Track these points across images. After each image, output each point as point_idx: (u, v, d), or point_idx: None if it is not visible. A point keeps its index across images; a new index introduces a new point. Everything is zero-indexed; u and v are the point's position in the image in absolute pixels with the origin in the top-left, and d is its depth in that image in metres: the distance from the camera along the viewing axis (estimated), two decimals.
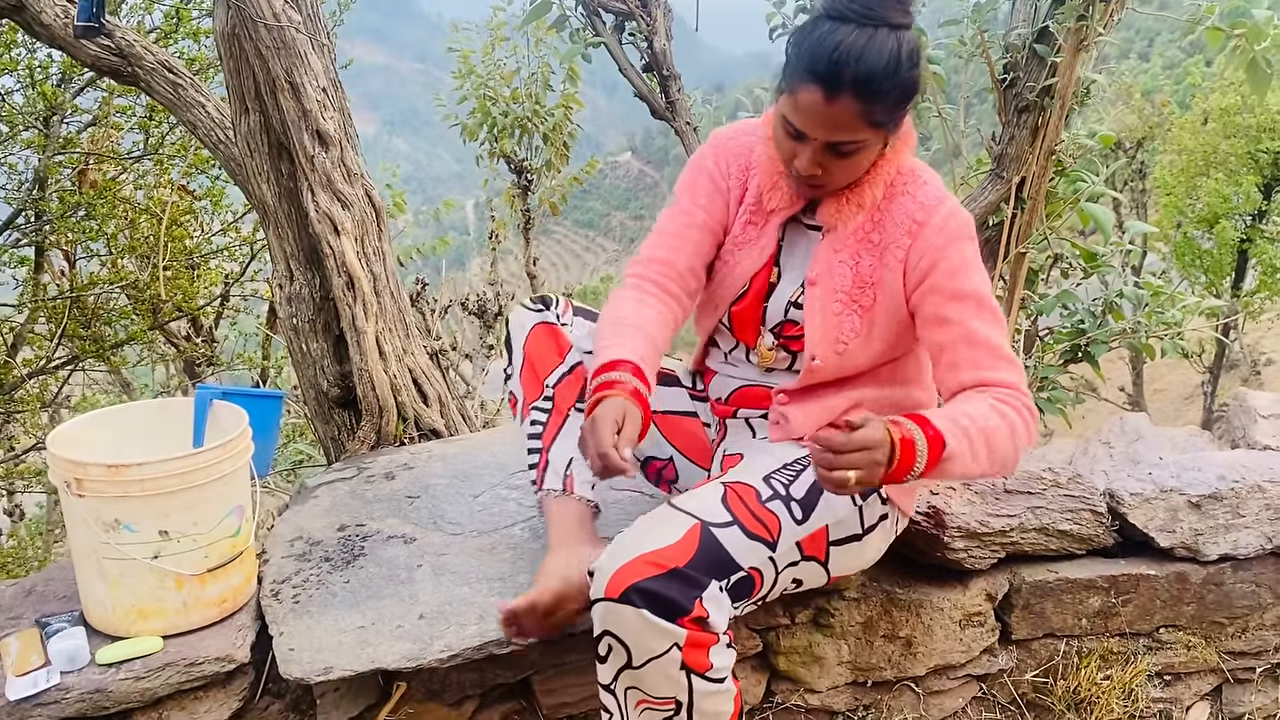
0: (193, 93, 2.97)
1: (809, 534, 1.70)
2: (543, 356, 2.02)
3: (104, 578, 1.86)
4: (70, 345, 5.04)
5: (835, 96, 1.56)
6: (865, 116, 1.58)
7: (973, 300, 1.66)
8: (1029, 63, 3.81)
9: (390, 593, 1.99)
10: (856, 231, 1.74)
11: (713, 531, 1.60)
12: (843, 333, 1.76)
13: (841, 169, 1.67)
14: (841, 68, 1.54)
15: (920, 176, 1.73)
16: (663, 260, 1.90)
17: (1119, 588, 2.10)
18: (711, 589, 1.54)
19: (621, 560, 1.54)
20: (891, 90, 1.57)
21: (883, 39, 1.55)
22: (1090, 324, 3.68)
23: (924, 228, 1.68)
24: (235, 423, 2.01)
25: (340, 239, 2.63)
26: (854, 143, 1.62)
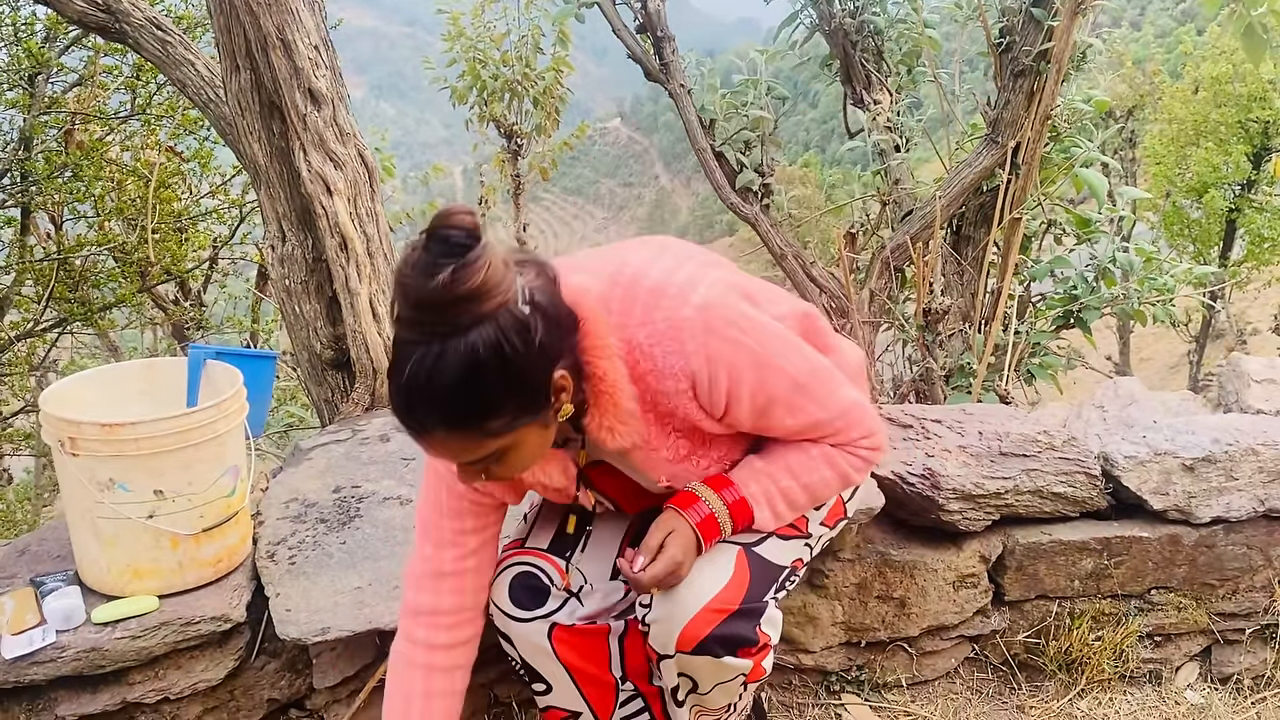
0: (181, 50, 2.94)
1: (829, 510, 1.72)
2: (591, 660, 1.79)
3: (99, 537, 1.85)
4: (58, 308, 4.99)
5: (428, 437, 1.32)
6: (477, 435, 1.32)
7: (782, 408, 1.49)
8: (1025, 26, 3.78)
9: (387, 554, 1.99)
10: (648, 429, 1.51)
11: (755, 552, 1.58)
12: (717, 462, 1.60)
13: (507, 468, 1.41)
14: (413, 407, 1.29)
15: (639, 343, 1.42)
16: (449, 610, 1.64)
17: (1112, 550, 2.11)
18: (769, 610, 1.54)
19: (686, 615, 1.50)
20: (490, 397, 1.28)
21: (459, 349, 1.24)
22: (1083, 290, 3.68)
23: (696, 390, 1.44)
24: (229, 382, 2.00)
25: (333, 199, 2.61)
26: (491, 455, 1.35)
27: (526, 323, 1.29)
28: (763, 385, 1.46)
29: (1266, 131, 18.49)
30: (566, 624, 1.69)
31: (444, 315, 1.24)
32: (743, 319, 1.44)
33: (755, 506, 1.55)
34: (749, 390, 1.45)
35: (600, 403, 1.45)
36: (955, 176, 3.92)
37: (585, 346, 1.42)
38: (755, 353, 1.44)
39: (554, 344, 1.34)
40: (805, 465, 1.56)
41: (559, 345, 1.36)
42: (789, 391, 1.48)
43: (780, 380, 1.47)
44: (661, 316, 1.41)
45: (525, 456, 1.41)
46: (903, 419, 2.32)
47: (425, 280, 1.22)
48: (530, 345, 1.29)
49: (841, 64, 4.56)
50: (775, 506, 1.57)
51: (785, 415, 1.51)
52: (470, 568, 1.63)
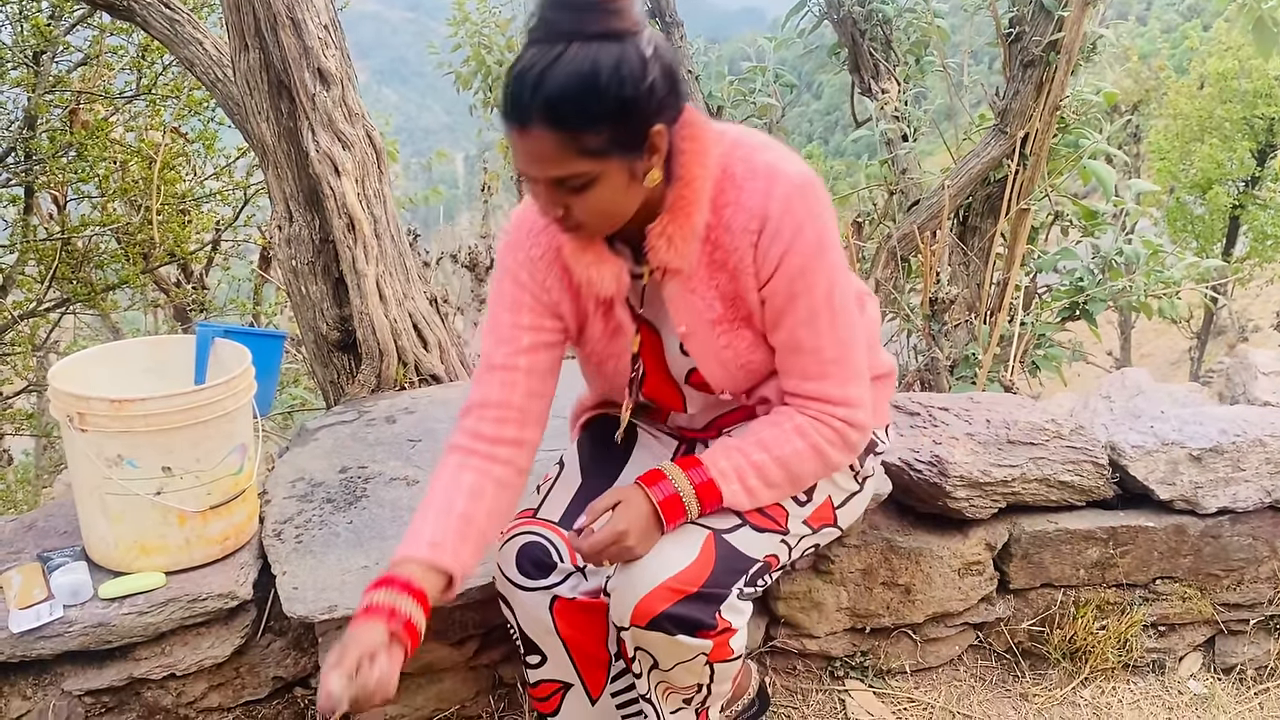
0: (190, 29, 2.93)
1: (814, 511, 1.69)
2: (590, 636, 1.74)
3: (106, 513, 1.85)
4: (60, 288, 4.99)
5: (526, 128, 1.36)
6: (571, 145, 1.36)
7: (803, 302, 1.50)
8: (1035, 17, 3.78)
9: (394, 533, 1.99)
10: (700, 259, 1.54)
11: (725, 539, 1.56)
12: (740, 354, 1.60)
13: (586, 208, 1.43)
14: (523, 94, 1.34)
15: (737, 175, 1.49)
16: (495, 403, 1.63)
17: (1117, 539, 2.11)
18: (730, 598, 1.53)
19: (642, 590, 1.50)
20: (593, 111, 1.34)
21: (575, 55, 1.32)
22: (1089, 282, 3.68)
23: (761, 235, 1.48)
24: (238, 361, 1.99)
25: (341, 180, 2.60)
26: (576, 177, 1.39)
27: (646, 61, 1.36)
28: (807, 277, 1.49)
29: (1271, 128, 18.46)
30: (568, 597, 1.68)
31: (576, 18, 1.33)
32: (826, 210, 1.49)
33: (724, 483, 1.55)
34: (798, 265, 1.48)
35: (675, 207, 1.49)
36: (963, 166, 3.92)
37: (684, 149, 1.47)
38: (820, 242, 1.48)
39: (663, 99, 1.39)
40: (777, 438, 1.56)
41: (665, 103, 1.40)
42: (820, 300, 1.50)
43: (821, 282, 1.50)
44: (765, 161, 1.48)
45: (604, 199, 1.43)
46: (910, 406, 2.32)
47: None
48: (641, 82, 1.35)
49: (849, 53, 4.56)
50: (746, 481, 1.56)
51: (803, 319, 1.51)
52: (521, 366, 1.63)
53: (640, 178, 1.44)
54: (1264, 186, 18.01)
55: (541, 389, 1.67)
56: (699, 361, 1.63)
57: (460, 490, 1.58)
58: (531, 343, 1.65)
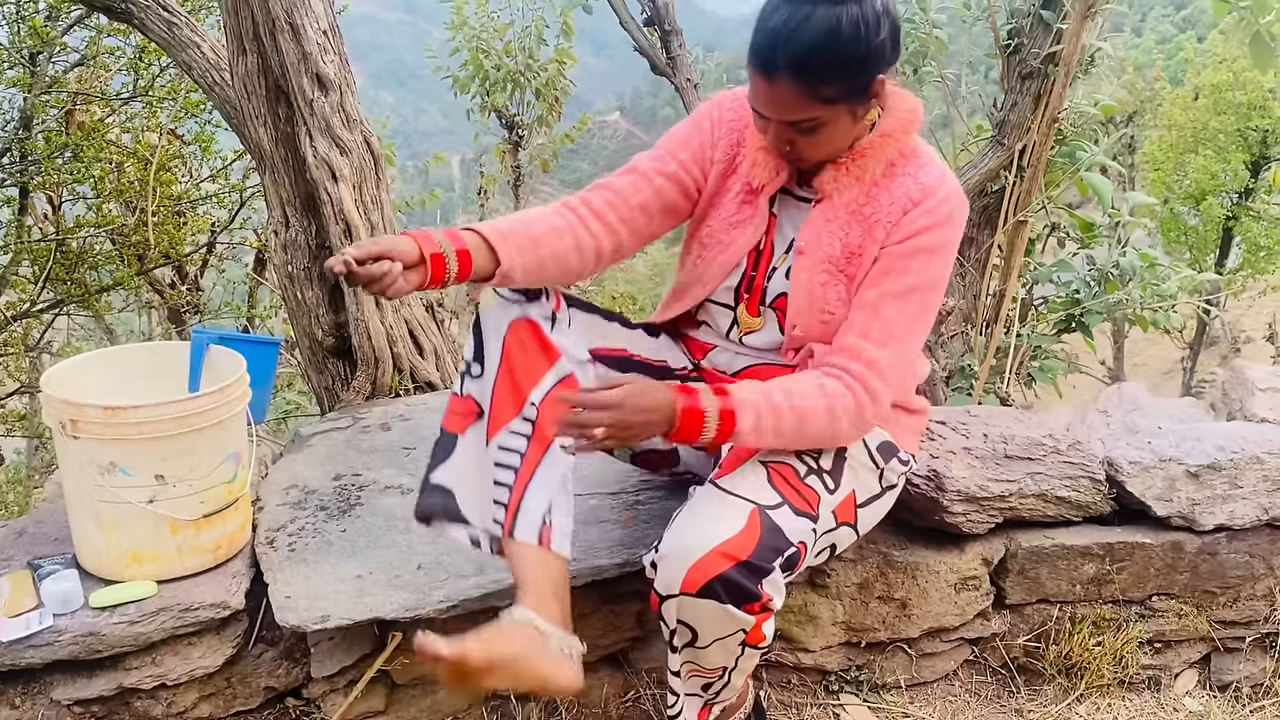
0: (188, 32, 2.92)
1: (840, 501, 1.71)
2: (526, 362, 1.70)
3: (98, 521, 1.84)
4: (54, 289, 4.97)
5: (773, 78, 1.53)
6: (811, 95, 1.54)
7: (908, 279, 1.65)
8: (1034, 29, 3.78)
9: (388, 543, 1.98)
10: (850, 203, 1.69)
11: (769, 514, 1.59)
12: (828, 302, 1.72)
13: (811, 145, 1.63)
14: (774, 48, 1.52)
15: (923, 159, 1.69)
16: (615, 189, 1.79)
17: (1114, 555, 2.11)
18: (774, 574, 1.55)
19: (694, 555, 1.52)
20: (834, 66, 1.52)
21: (822, 15, 1.50)
22: (1086, 294, 3.68)
23: (918, 205, 1.64)
24: (232, 368, 1.98)
25: (338, 186, 2.59)
26: (809, 120, 1.57)
27: (880, 20, 1.52)
28: (926, 259, 1.64)
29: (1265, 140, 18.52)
30: (529, 318, 1.71)
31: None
32: (959, 236, 1.70)
33: (741, 414, 1.59)
34: (925, 246, 1.64)
35: (864, 149, 1.67)
36: (960, 177, 3.91)
37: (891, 105, 1.67)
38: (949, 249, 1.67)
39: (889, 53, 1.56)
40: (801, 389, 1.63)
41: (891, 55, 1.57)
42: (919, 287, 1.65)
43: (928, 275, 1.65)
44: (944, 168, 1.70)
45: (829, 139, 1.62)
46: None
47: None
48: (875, 38, 1.52)
49: None
50: (761, 420, 1.60)
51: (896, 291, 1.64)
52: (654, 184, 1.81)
53: (861, 118, 1.64)
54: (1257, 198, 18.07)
55: (651, 210, 1.82)
56: (793, 284, 1.75)
57: (545, 222, 1.72)
58: (674, 172, 1.81)
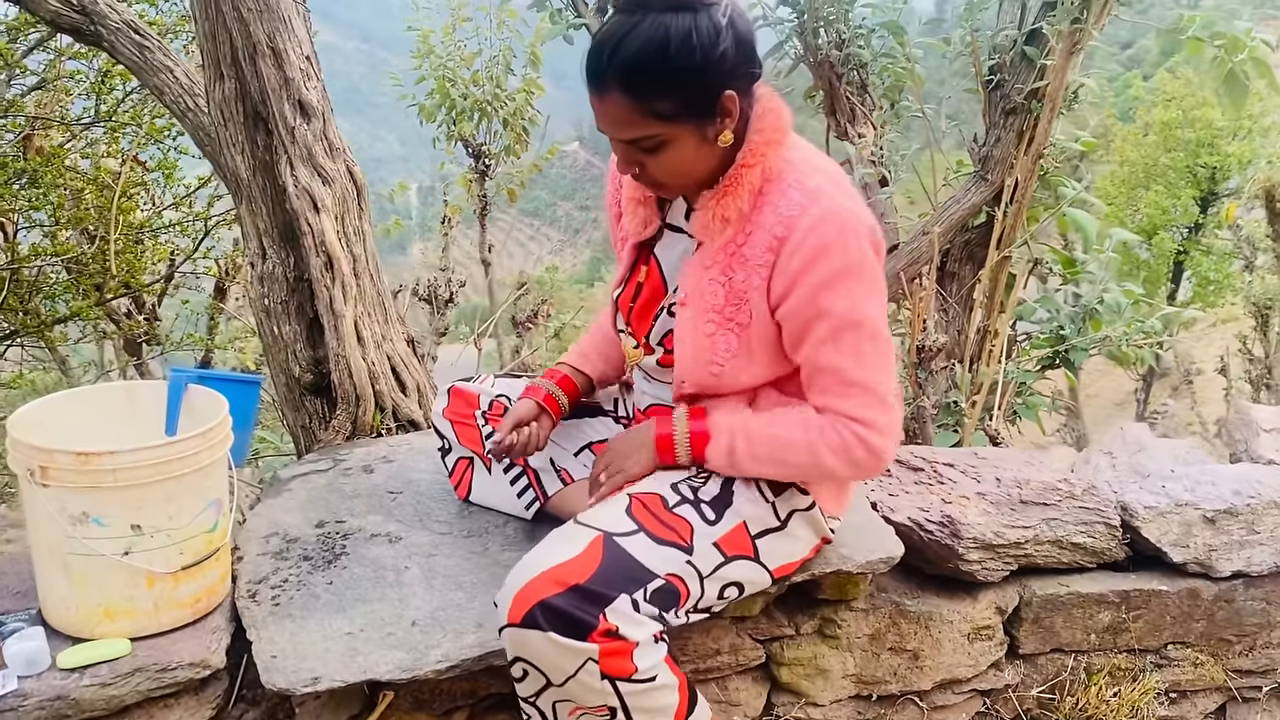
0: (160, 56, 2.81)
1: (725, 533, 1.63)
2: (463, 412, 2.08)
3: (68, 574, 1.71)
4: (7, 320, 4.78)
5: (604, 93, 1.50)
6: (643, 110, 1.48)
7: (828, 323, 1.54)
8: (1017, 64, 3.77)
9: (378, 596, 1.87)
10: (727, 245, 1.61)
11: (616, 541, 1.53)
12: (716, 354, 1.65)
13: (659, 166, 1.55)
14: (601, 61, 1.48)
15: (786, 181, 1.56)
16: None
17: (1130, 603, 2.05)
18: (620, 602, 1.48)
19: (522, 581, 1.49)
20: (664, 78, 1.46)
21: (649, 25, 1.45)
22: (1071, 331, 3.65)
23: (784, 244, 1.53)
24: (213, 410, 1.87)
25: (320, 216, 2.48)
26: (648, 139, 1.51)
27: (719, 31, 1.46)
28: (830, 294, 1.52)
29: (1214, 177, 18.95)
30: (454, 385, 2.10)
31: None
32: (867, 247, 1.53)
33: (714, 434, 1.64)
34: (816, 286, 1.52)
35: (729, 183, 1.58)
36: (944, 212, 3.89)
37: (757, 128, 1.58)
38: (849, 269, 1.51)
39: (734, 67, 1.49)
40: (784, 419, 1.62)
41: (737, 70, 1.50)
42: (842, 320, 1.53)
43: (842, 304, 1.52)
44: (817, 184, 1.54)
45: (676, 160, 1.54)
46: (912, 461, 2.25)
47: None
48: (713, 50, 1.46)
49: (825, 96, 4.53)
50: (735, 441, 1.62)
51: (824, 337, 1.54)
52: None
53: (713, 139, 1.54)
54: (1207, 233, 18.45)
55: None
56: (678, 338, 1.70)
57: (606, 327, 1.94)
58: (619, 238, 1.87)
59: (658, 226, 1.77)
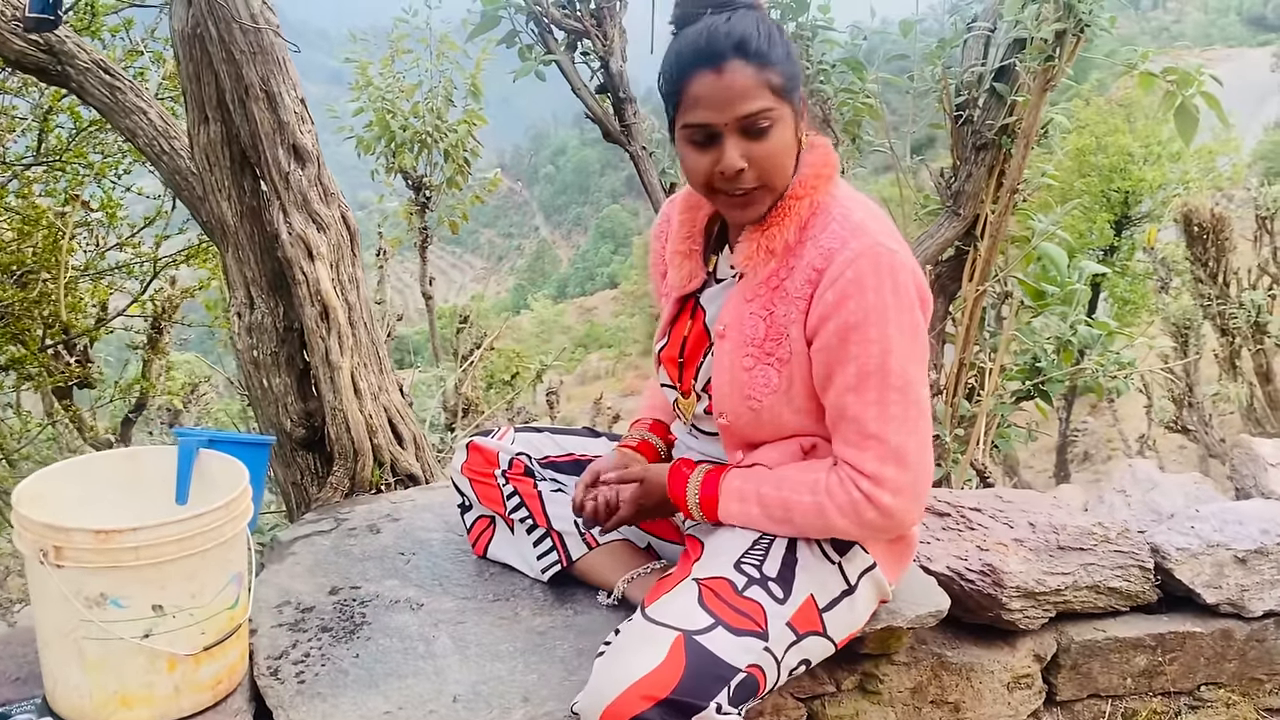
0: (132, 97, 2.68)
1: (796, 610, 1.58)
2: (483, 470, 2.03)
3: (82, 660, 1.59)
4: None
5: (723, 66, 1.51)
6: (761, 79, 1.51)
7: (854, 367, 1.50)
8: (986, 101, 3.81)
9: (411, 670, 1.77)
10: (770, 279, 1.59)
11: (698, 641, 1.47)
12: (754, 388, 1.61)
13: (766, 153, 1.53)
14: (716, 39, 1.51)
15: (831, 215, 1.56)
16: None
17: (1165, 646, 2.05)
18: (708, 711, 1.43)
19: (609, 697, 1.41)
20: (774, 49, 1.52)
21: (744, 11, 1.54)
22: (1047, 364, 3.69)
23: (822, 276, 1.52)
24: (229, 476, 1.76)
25: (315, 264, 2.38)
26: (764, 115, 1.51)
27: (778, 28, 1.55)
28: (860, 335, 1.49)
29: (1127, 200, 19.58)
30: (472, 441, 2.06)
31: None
32: (904, 289, 1.50)
33: (724, 499, 1.64)
34: (846, 325, 1.49)
35: (777, 214, 1.58)
36: (916, 247, 3.90)
37: (808, 160, 1.60)
38: (883, 312, 1.49)
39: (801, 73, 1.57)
40: (795, 483, 1.59)
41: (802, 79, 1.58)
42: (870, 368, 1.50)
43: (873, 350, 1.49)
44: (860, 220, 1.54)
45: (779, 147, 1.53)
46: (938, 506, 2.22)
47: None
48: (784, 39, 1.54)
49: None
50: (747, 505, 1.62)
51: (849, 384, 1.51)
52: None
53: (798, 136, 1.57)
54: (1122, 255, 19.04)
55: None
56: (715, 368, 1.67)
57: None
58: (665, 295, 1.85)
59: (702, 280, 1.75)
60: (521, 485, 1.98)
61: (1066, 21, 3.41)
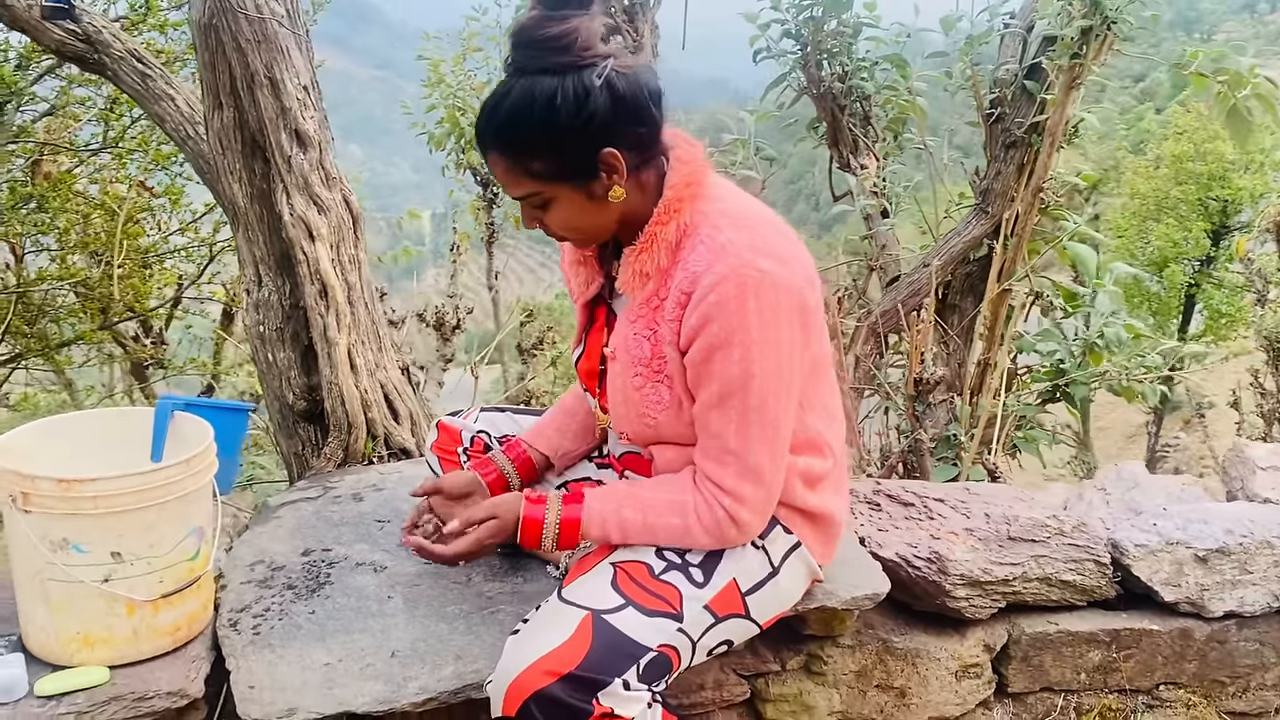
0: (162, 84, 2.83)
1: (716, 594, 1.61)
2: (449, 447, 2.11)
3: (47, 601, 1.71)
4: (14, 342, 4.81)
5: (487, 153, 1.55)
6: (518, 169, 1.52)
7: (717, 385, 1.52)
8: (1017, 99, 3.78)
9: (360, 627, 1.86)
10: (649, 299, 1.60)
11: (605, 619, 1.52)
12: (647, 406, 1.64)
13: (553, 221, 1.59)
14: (481, 123, 1.53)
15: (699, 236, 1.54)
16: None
17: (1120, 642, 2.03)
18: (614, 686, 1.47)
19: (514, 672, 1.47)
20: (530, 140, 1.49)
21: (520, 88, 1.48)
22: (1071, 365, 3.63)
23: (689, 299, 1.52)
24: (199, 436, 1.87)
25: (315, 245, 2.49)
26: (532, 196, 1.55)
27: (588, 93, 1.45)
28: (723, 355, 1.50)
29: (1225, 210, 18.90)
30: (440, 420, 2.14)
31: (526, 55, 1.47)
32: (769, 309, 1.49)
33: (586, 525, 1.64)
34: (710, 345, 1.51)
35: (647, 237, 1.57)
36: (944, 245, 3.89)
37: (676, 181, 1.56)
38: (746, 332, 1.49)
39: (612, 125, 1.48)
40: (658, 507, 1.61)
41: (618, 129, 1.49)
42: (732, 387, 1.52)
43: (735, 370, 1.51)
44: (729, 238, 1.51)
45: (567, 218, 1.57)
46: (904, 496, 2.23)
47: (520, 22, 1.48)
48: (580, 113, 1.45)
49: (829, 127, 4.54)
50: (606, 529, 1.63)
51: (712, 401, 1.54)
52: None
53: (602, 196, 1.54)
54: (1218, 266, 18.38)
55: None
56: (610, 390, 1.71)
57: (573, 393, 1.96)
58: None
59: (600, 284, 1.77)
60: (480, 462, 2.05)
61: (1093, 19, 3.36)
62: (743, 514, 1.56)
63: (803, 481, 1.67)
